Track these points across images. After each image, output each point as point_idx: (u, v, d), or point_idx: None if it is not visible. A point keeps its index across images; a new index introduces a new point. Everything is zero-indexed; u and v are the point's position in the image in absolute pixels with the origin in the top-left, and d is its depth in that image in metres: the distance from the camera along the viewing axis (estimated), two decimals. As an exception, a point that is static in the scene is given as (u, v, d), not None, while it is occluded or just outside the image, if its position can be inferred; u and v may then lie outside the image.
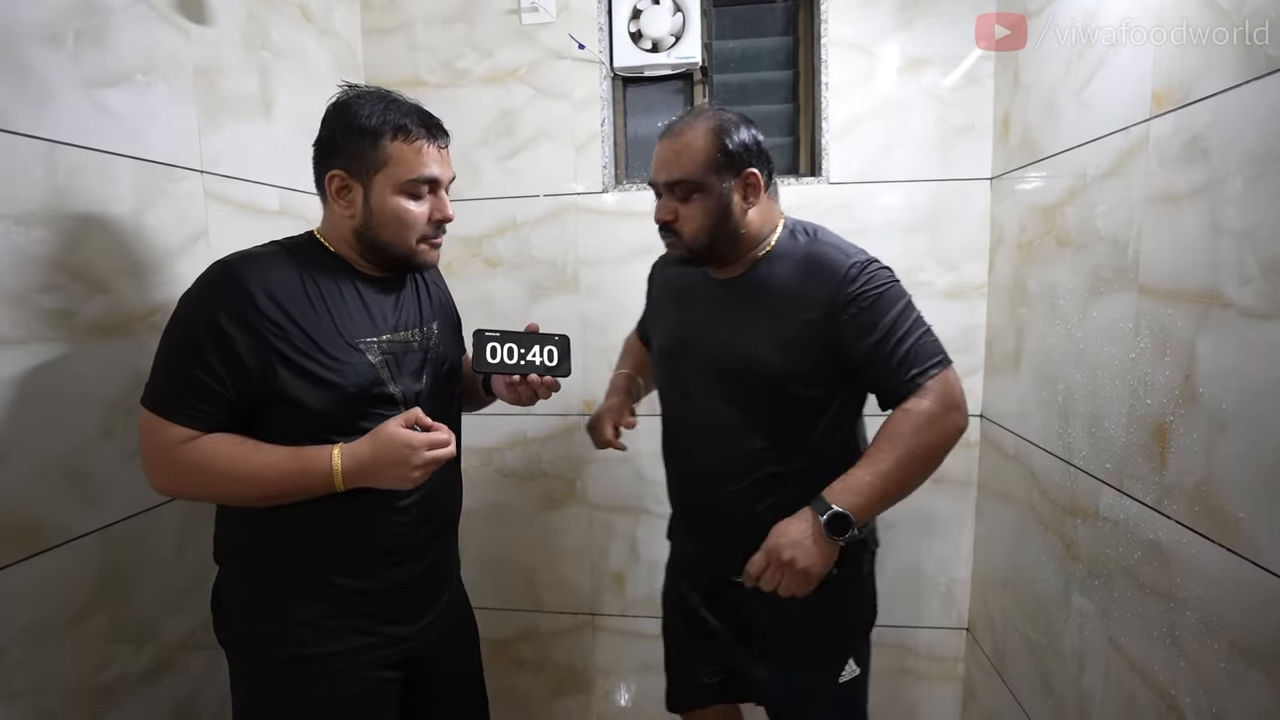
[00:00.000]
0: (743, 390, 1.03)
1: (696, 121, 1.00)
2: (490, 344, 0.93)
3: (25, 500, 0.88)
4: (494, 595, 1.77)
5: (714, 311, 1.06)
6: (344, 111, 0.88)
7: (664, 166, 1.01)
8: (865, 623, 1.13)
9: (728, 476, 1.06)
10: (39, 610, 0.89)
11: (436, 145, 0.90)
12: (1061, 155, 1.20)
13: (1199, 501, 0.85)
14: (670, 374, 1.14)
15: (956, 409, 0.96)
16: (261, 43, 1.32)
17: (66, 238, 0.92)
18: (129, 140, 1.02)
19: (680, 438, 1.15)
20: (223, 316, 0.80)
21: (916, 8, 1.48)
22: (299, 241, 0.93)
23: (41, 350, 0.89)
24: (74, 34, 0.93)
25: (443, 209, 0.92)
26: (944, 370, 0.96)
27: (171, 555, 1.10)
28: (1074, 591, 1.16)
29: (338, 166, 0.88)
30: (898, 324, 0.96)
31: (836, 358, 0.98)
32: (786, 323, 0.99)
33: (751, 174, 1.00)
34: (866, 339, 0.95)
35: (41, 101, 0.89)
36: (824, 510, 0.91)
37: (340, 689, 0.89)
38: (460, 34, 1.62)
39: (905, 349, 0.95)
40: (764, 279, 1.03)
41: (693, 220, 1.00)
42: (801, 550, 0.91)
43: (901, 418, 0.95)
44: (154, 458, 0.84)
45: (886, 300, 0.96)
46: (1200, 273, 0.85)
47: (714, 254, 1.03)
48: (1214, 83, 0.83)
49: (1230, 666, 0.80)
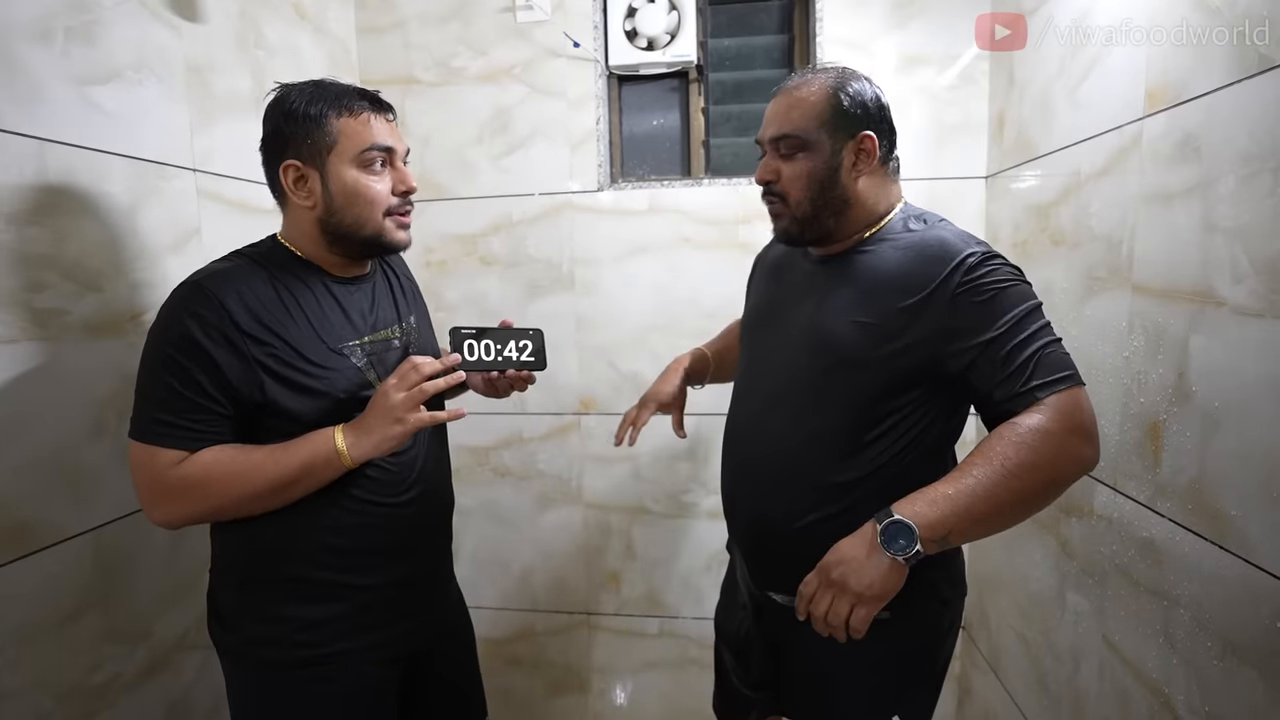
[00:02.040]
0: (811, 373, 0.91)
1: (817, 76, 0.92)
2: (467, 341, 0.92)
3: (16, 500, 0.87)
4: (490, 594, 1.77)
5: (804, 286, 0.97)
6: (282, 104, 0.86)
7: (772, 121, 0.93)
8: (916, 678, 0.95)
9: (777, 474, 0.93)
10: (31, 611, 0.89)
11: (383, 117, 0.88)
12: (1056, 154, 1.20)
13: (1192, 499, 0.86)
14: (745, 350, 1.06)
15: (1083, 436, 0.77)
16: (254, 40, 1.31)
17: (57, 236, 0.92)
18: (120, 138, 1.01)
19: (738, 427, 1.03)
20: (201, 336, 0.78)
21: (912, 7, 1.48)
22: (263, 250, 0.89)
23: (32, 349, 0.89)
24: (64, 31, 0.92)
25: (404, 179, 0.89)
26: (1074, 388, 0.78)
27: (164, 555, 1.10)
28: (1069, 590, 1.16)
29: (289, 157, 0.85)
30: (1020, 326, 0.79)
31: (932, 358, 0.83)
32: (880, 307, 0.86)
33: (867, 138, 0.89)
34: (976, 337, 0.80)
35: (31, 99, 0.88)
36: (884, 519, 0.76)
37: (340, 689, 0.89)
38: (455, 32, 1.61)
39: (1026, 355, 0.78)
40: (867, 260, 0.90)
41: (797, 181, 0.90)
42: (853, 568, 0.77)
43: (1006, 430, 0.77)
44: (150, 488, 0.80)
45: (1009, 297, 0.81)
46: (1193, 271, 0.85)
47: (820, 224, 0.92)
48: (1206, 82, 0.83)
49: (1223, 664, 0.80)
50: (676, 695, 1.74)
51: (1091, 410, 0.79)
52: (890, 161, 0.95)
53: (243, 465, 0.80)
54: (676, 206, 1.59)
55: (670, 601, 1.72)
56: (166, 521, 0.83)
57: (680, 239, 1.60)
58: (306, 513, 0.85)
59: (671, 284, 1.61)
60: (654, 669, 1.75)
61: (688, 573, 1.70)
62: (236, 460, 0.80)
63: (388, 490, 0.89)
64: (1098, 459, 0.79)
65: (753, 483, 0.97)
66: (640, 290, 1.62)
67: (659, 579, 1.72)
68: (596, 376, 1.65)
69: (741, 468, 1.00)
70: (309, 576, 0.88)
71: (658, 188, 1.61)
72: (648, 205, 1.60)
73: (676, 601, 1.71)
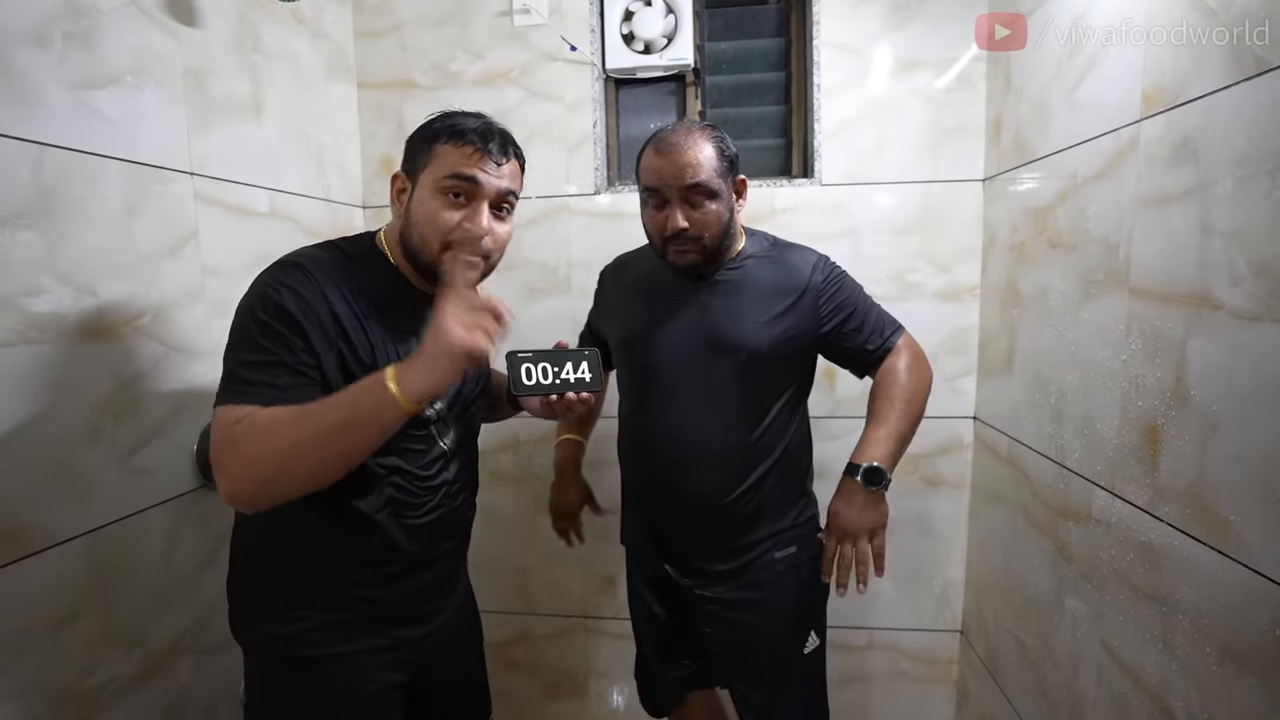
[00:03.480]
0: (721, 370, 1.09)
1: (696, 132, 1.06)
2: (524, 365, 0.90)
3: (12, 503, 0.87)
4: (487, 597, 1.74)
5: (686, 301, 1.13)
6: (428, 123, 0.89)
7: (681, 172, 1.03)
8: (822, 596, 1.18)
9: (700, 463, 1.10)
10: (26, 615, 0.89)
11: (490, 155, 0.85)
12: (1053, 157, 1.20)
13: (1190, 504, 0.85)
14: (639, 361, 1.16)
15: (925, 359, 1.16)
16: (252, 45, 1.31)
17: (54, 240, 0.92)
18: (118, 142, 1.01)
19: (647, 428, 1.16)
20: (296, 311, 0.78)
21: (909, 10, 1.48)
22: (361, 247, 0.91)
23: (28, 353, 0.89)
24: (62, 36, 0.93)
25: (474, 218, 0.84)
26: (905, 332, 1.16)
27: (160, 559, 1.10)
28: (1067, 594, 1.16)
29: (402, 168, 0.90)
30: (862, 302, 1.14)
31: (809, 338, 1.12)
32: (766, 307, 1.10)
33: (742, 181, 1.11)
34: (840, 315, 1.11)
35: (29, 103, 0.88)
36: (856, 472, 1.04)
37: (351, 690, 0.89)
38: (452, 36, 1.61)
39: (873, 318, 1.14)
40: (741, 276, 1.12)
41: (710, 225, 1.05)
42: (857, 513, 1.04)
43: (889, 377, 1.11)
44: (217, 446, 0.74)
45: (849, 284, 1.14)
46: (1190, 274, 0.85)
47: (720, 257, 1.11)
48: (1203, 84, 0.83)
49: (1222, 669, 0.80)
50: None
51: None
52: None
53: (296, 411, 0.74)
54: (674, 209, 1.59)
55: (668, 605, 1.71)
56: (231, 492, 0.74)
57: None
58: (331, 526, 0.85)
59: (669, 287, 1.61)
60: (652, 673, 1.74)
61: (686, 576, 1.69)
62: (295, 415, 0.74)
63: (413, 506, 0.90)
64: (932, 368, 1.16)
65: (685, 469, 1.11)
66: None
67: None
68: (594, 379, 1.65)
69: (673, 461, 1.13)
70: (330, 582, 0.88)
71: (656, 191, 1.61)
72: (646, 208, 1.60)
73: (675, 605, 1.70)
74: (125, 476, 1.02)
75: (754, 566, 1.13)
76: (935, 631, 1.65)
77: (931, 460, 1.58)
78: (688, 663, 1.27)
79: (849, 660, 1.66)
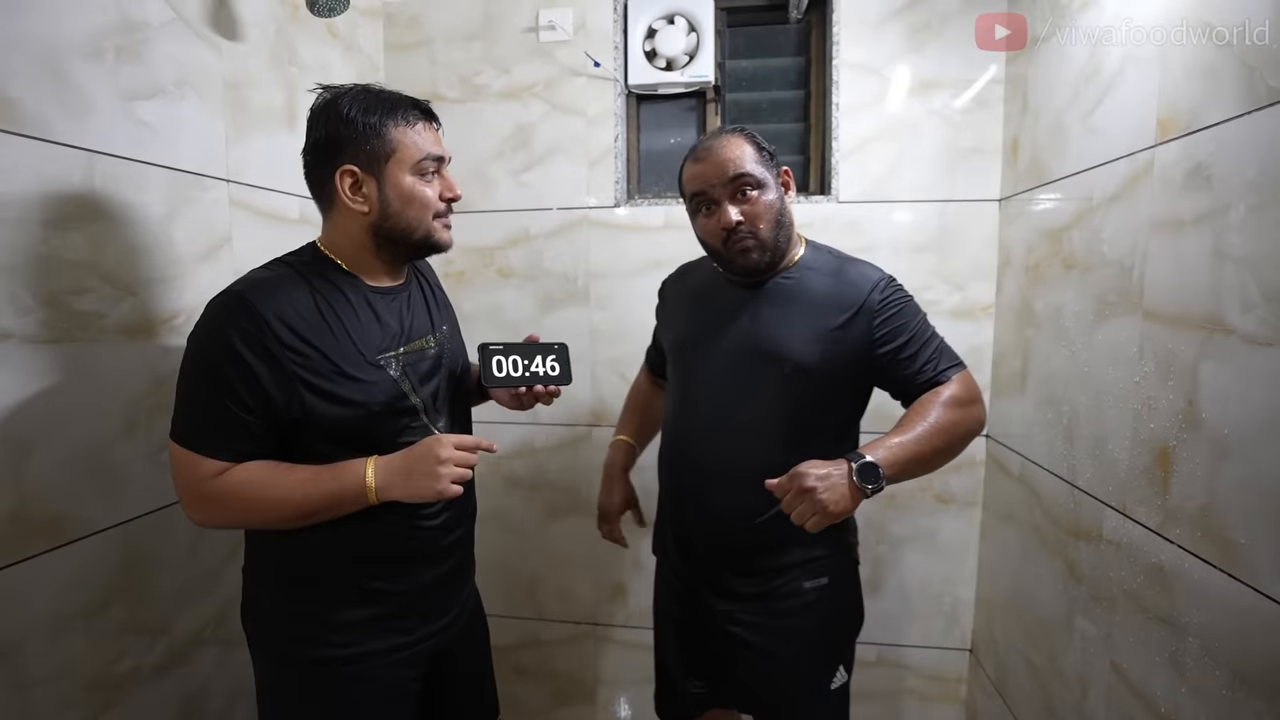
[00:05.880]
0: (763, 381, 1.05)
1: (728, 133, 1.06)
2: (495, 358, 0.95)
3: (52, 493, 0.91)
4: (497, 602, 1.78)
5: (738, 308, 1.09)
6: (337, 112, 0.86)
7: (724, 168, 1.02)
8: (852, 630, 1.16)
9: (734, 479, 1.05)
10: (60, 601, 0.92)
11: (432, 126, 0.92)
12: (1069, 179, 1.21)
13: (1202, 526, 0.86)
14: (689, 367, 1.14)
15: (979, 402, 1.05)
16: (288, 57, 1.37)
17: (99, 243, 0.96)
18: (161, 150, 1.06)
19: (683, 438, 1.14)
20: (241, 346, 0.79)
21: (928, 31, 1.50)
22: (305, 258, 0.91)
23: (72, 350, 0.93)
24: (114, 50, 0.98)
25: (451, 188, 0.94)
26: (965, 370, 1.06)
27: (185, 552, 1.13)
28: (1077, 614, 1.15)
29: (346, 162, 0.86)
30: (923, 329, 1.06)
31: (860, 360, 1.04)
32: (818, 322, 1.04)
33: (785, 170, 1.07)
34: (896, 341, 1.04)
35: (82, 113, 0.93)
36: (856, 459, 0.93)
37: (367, 687, 0.91)
38: (479, 51, 1.66)
39: (934, 348, 1.05)
40: (795, 286, 1.08)
41: (762, 214, 1.02)
42: (827, 484, 0.91)
43: (931, 396, 1.02)
44: (189, 493, 0.84)
45: (911, 309, 1.07)
46: (1203, 299, 0.85)
47: (778, 254, 1.06)
48: (1217, 112, 0.84)
49: (1232, 694, 0.80)
50: (681, 709, 1.74)
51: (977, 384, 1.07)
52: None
53: (275, 489, 0.83)
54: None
55: (677, 615, 1.72)
56: (203, 524, 0.87)
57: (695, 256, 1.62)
58: (342, 524, 0.87)
59: (685, 299, 1.63)
60: (659, 682, 1.75)
61: (695, 586, 1.70)
62: (269, 483, 0.83)
63: (421, 509, 0.92)
64: (985, 421, 1.06)
65: (718, 483, 1.08)
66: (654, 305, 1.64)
67: (666, 592, 1.72)
68: (609, 389, 1.67)
69: (706, 475, 1.09)
70: (342, 581, 0.90)
71: (674, 204, 1.64)
72: (664, 221, 1.63)
73: (683, 615, 1.71)
74: (156, 471, 1.05)
75: (781, 593, 1.08)
76: (944, 649, 1.64)
77: (943, 477, 1.58)
78: (701, 683, 1.20)
79: (856, 676, 1.63)
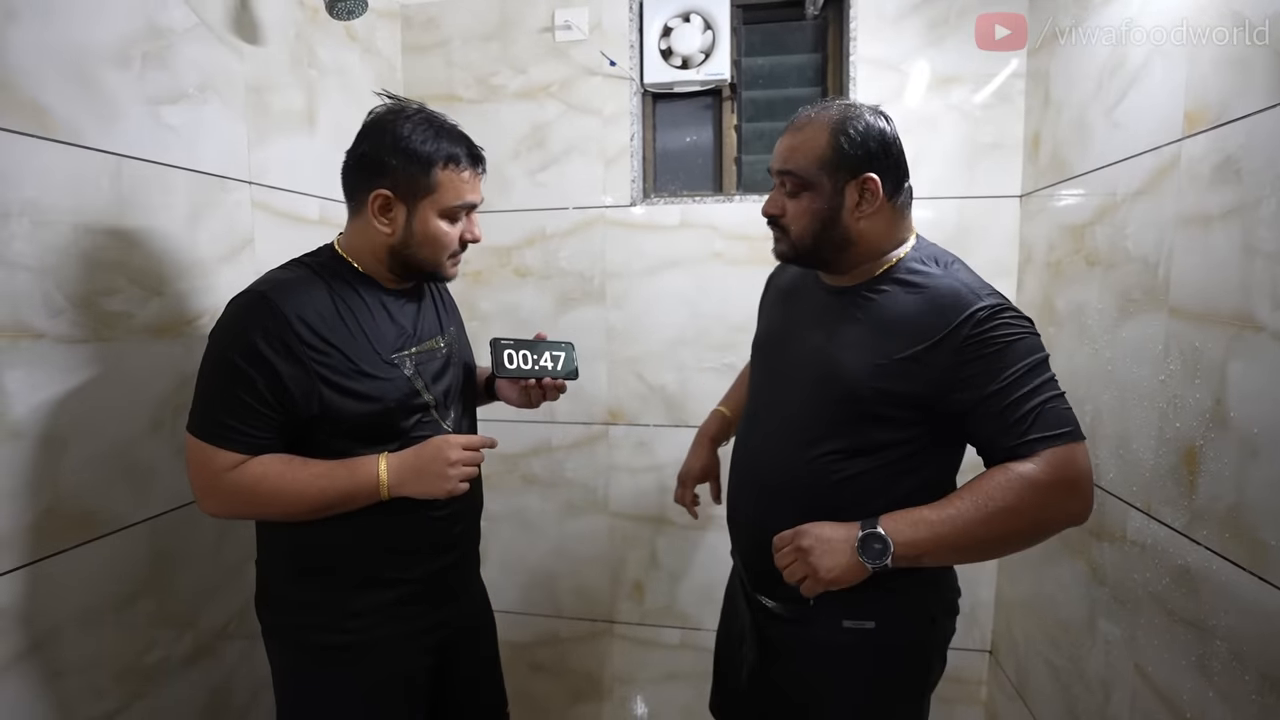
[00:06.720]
0: (818, 400, 0.93)
1: (822, 114, 0.92)
2: (506, 351, 1.00)
3: (84, 489, 0.94)
4: (515, 599, 1.80)
5: (816, 314, 0.98)
6: (393, 134, 0.88)
7: (779, 155, 0.96)
8: (909, 692, 0.99)
9: (778, 489, 0.96)
10: (91, 594, 0.95)
11: (477, 173, 0.94)
12: (1092, 174, 1.19)
13: (1230, 527, 0.84)
14: (759, 367, 1.10)
15: (1074, 491, 0.79)
16: (308, 61, 1.39)
17: (127, 244, 0.99)
18: (185, 153, 1.08)
19: (749, 441, 1.06)
20: (264, 345, 0.82)
21: (946, 25, 1.48)
22: (323, 259, 0.94)
23: (101, 349, 0.95)
24: (141, 56, 1.00)
25: (473, 231, 0.97)
26: (1072, 444, 0.80)
27: (211, 547, 1.16)
28: (1100, 616, 1.14)
29: (384, 187, 0.88)
30: (1025, 379, 0.81)
31: (931, 398, 0.85)
32: (889, 348, 0.87)
33: (870, 179, 0.89)
34: (980, 388, 0.82)
35: (111, 118, 0.95)
36: (867, 527, 0.81)
37: (378, 673, 0.93)
38: (495, 51, 1.67)
39: (1028, 408, 0.80)
40: (879, 300, 0.91)
41: (799, 219, 0.93)
42: (823, 547, 0.81)
43: (998, 471, 0.81)
44: (203, 484, 0.86)
45: (1016, 351, 0.82)
46: (1232, 295, 0.84)
47: (819, 258, 0.95)
48: (1247, 104, 0.82)
49: (1261, 699, 0.78)
50: (697, 707, 1.73)
51: (1088, 466, 0.81)
52: (899, 196, 0.93)
53: (290, 484, 0.85)
54: (708, 222, 1.62)
55: (692, 613, 1.72)
56: (215, 514, 0.90)
57: (711, 254, 1.62)
58: (353, 515, 0.89)
59: (701, 298, 1.63)
60: (675, 680, 1.75)
61: (710, 585, 1.70)
62: (284, 477, 0.85)
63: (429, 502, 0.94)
64: (1087, 514, 0.81)
65: (756, 494, 1.01)
66: (670, 304, 1.65)
67: (682, 590, 1.72)
68: (625, 388, 1.68)
69: (747, 479, 1.03)
70: (354, 569, 0.92)
71: (690, 203, 1.64)
72: (679, 220, 1.63)
73: (698, 613, 1.71)
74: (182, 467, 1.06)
75: (818, 627, 0.95)
76: (964, 651, 1.62)
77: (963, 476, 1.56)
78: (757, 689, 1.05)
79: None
